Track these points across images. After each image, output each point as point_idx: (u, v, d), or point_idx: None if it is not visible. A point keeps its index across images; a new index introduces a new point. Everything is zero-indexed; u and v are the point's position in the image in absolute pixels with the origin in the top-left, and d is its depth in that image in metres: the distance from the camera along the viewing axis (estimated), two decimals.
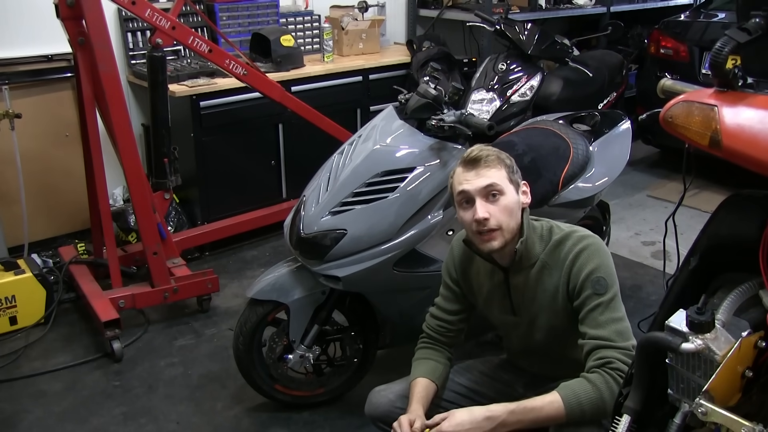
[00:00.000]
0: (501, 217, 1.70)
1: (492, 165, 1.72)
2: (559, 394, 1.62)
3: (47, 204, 3.61)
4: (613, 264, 1.73)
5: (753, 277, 1.32)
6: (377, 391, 1.94)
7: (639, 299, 3.27)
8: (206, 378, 2.75)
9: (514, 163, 1.79)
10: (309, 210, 2.24)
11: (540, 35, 3.64)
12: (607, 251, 1.75)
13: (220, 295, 3.29)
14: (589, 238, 1.75)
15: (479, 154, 1.73)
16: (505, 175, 1.73)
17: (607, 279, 1.68)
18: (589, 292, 1.68)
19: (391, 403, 1.89)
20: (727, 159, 1.26)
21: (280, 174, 3.95)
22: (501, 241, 1.72)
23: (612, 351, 1.62)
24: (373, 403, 1.92)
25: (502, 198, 1.71)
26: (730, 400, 1.24)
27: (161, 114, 3.15)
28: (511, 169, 1.76)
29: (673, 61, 4.64)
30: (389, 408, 1.88)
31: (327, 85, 3.99)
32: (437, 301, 1.99)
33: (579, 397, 1.60)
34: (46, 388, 2.68)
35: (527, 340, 1.89)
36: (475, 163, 1.72)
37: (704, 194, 4.29)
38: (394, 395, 1.90)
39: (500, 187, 1.71)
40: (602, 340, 1.64)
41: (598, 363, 1.63)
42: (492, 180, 1.71)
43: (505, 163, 1.75)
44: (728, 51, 1.27)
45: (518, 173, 1.78)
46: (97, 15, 2.71)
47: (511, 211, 1.72)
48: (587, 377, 1.63)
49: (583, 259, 1.71)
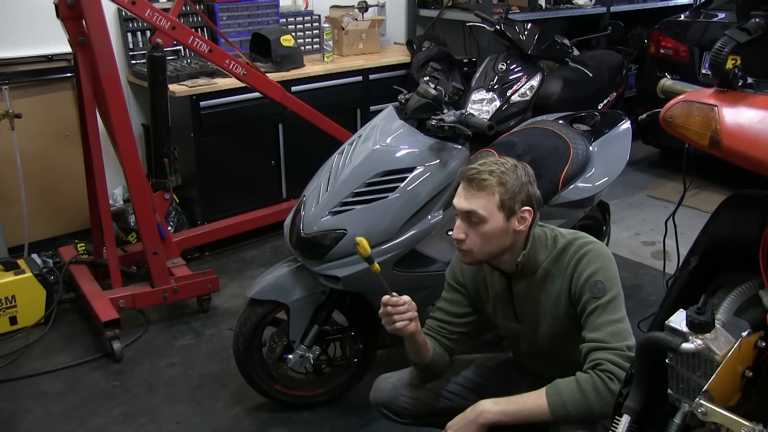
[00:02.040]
0: (476, 241, 1.71)
1: (483, 189, 1.68)
2: (545, 393, 1.64)
3: (47, 204, 3.61)
4: (614, 267, 1.73)
5: (753, 277, 1.32)
6: (383, 377, 1.98)
7: (639, 299, 3.27)
8: (206, 378, 2.75)
9: (523, 185, 1.70)
10: (309, 210, 2.24)
11: (540, 35, 3.64)
12: (608, 255, 1.75)
13: (220, 295, 3.29)
14: (591, 244, 1.75)
15: (475, 175, 1.69)
16: (495, 202, 1.67)
17: (605, 282, 1.68)
18: (588, 296, 1.69)
19: (396, 389, 1.92)
20: (727, 159, 1.26)
21: (280, 174, 3.95)
22: (471, 260, 1.76)
23: (604, 352, 1.63)
24: (379, 389, 1.95)
25: (483, 225, 1.69)
26: (730, 400, 1.24)
27: (161, 114, 3.15)
28: (511, 193, 1.68)
29: (673, 61, 4.64)
30: (394, 394, 1.91)
31: (327, 85, 3.99)
32: (440, 305, 1.98)
33: (563, 397, 1.62)
34: (46, 388, 2.68)
35: (532, 345, 1.90)
36: (469, 183, 1.70)
37: (704, 194, 4.29)
38: (400, 382, 1.94)
39: (481, 215, 1.68)
40: (596, 342, 1.65)
41: (590, 365, 1.64)
42: (473, 207, 1.68)
43: (502, 188, 1.67)
44: (728, 51, 1.27)
45: (523, 196, 1.70)
46: (97, 15, 2.71)
47: (489, 238, 1.70)
48: (577, 378, 1.64)
49: (583, 264, 1.71)
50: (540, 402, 1.63)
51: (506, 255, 1.77)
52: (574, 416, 1.62)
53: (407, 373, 1.96)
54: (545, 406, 1.62)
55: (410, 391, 1.92)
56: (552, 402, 1.62)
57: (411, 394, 1.92)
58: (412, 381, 1.94)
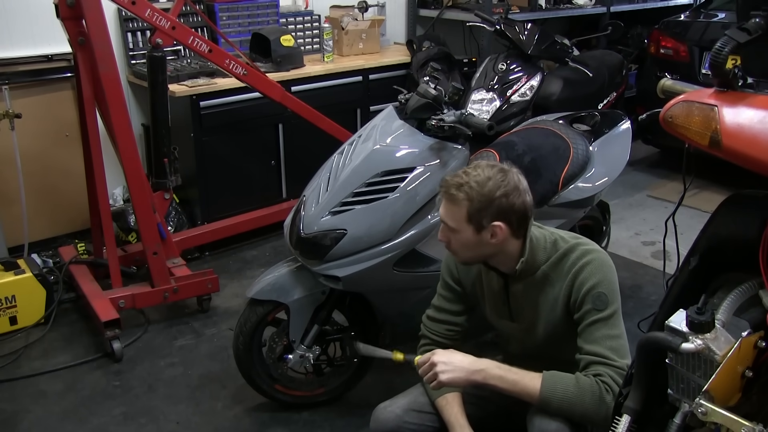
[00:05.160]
0: (457, 247, 1.75)
1: (451, 201, 1.69)
2: (542, 377, 1.66)
3: (47, 204, 3.61)
4: (616, 279, 1.73)
5: (753, 277, 1.32)
6: (382, 407, 1.89)
7: (639, 299, 3.27)
8: (206, 378, 2.75)
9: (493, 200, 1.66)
10: (309, 210, 2.23)
11: (540, 35, 3.64)
12: (610, 265, 1.75)
13: (220, 295, 3.29)
14: (594, 252, 1.75)
15: (445, 187, 1.71)
16: (463, 215, 1.68)
17: (608, 295, 1.69)
18: (589, 306, 1.69)
19: (399, 418, 1.85)
20: (727, 159, 1.26)
21: (280, 174, 3.95)
22: (461, 261, 1.84)
23: (605, 367, 1.64)
24: (381, 421, 1.86)
25: (456, 234, 1.72)
26: (730, 400, 1.24)
27: (161, 114, 3.14)
28: (477, 208, 1.66)
29: (673, 61, 4.64)
30: (398, 423, 1.85)
31: (327, 85, 3.99)
32: (436, 303, 1.99)
33: (556, 387, 1.64)
34: (46, 388, 2.68)
35: (524, 345, 1.90)
36: (443, 193, 1.73)
37: (704, 194, 4.29)
38: (401, 410, 1.87)
39: (452, 225, 1.71)
40: (596, 356, 1.66)
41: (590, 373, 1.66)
42: (444, 218, 1.73)
43: (469, 203, 1.67)
44: (728, 51, 1.27)
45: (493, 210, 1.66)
46: (97, 15, 2.71)
47: (465, 247, 1.73)
48: (577, 376, 1.66)
49: (586, 273, 1.71)
50: (534, 383, 1.66)
51: (498, 259, 1.78)
52: (556, 409, 1.64)
53: (405, 397, 1.91)
54: (536, 388, 1.65)
55: (414, 417, 1.86)
56: (544, 387, 1.64)
57: (416, 419, 1.86)
58: (414, 405, 1.88)
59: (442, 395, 1.84)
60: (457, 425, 1.78)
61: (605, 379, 1.63)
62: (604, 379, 1.63)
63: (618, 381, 1.62)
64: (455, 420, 1.79)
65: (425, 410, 1.87)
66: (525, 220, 1.72)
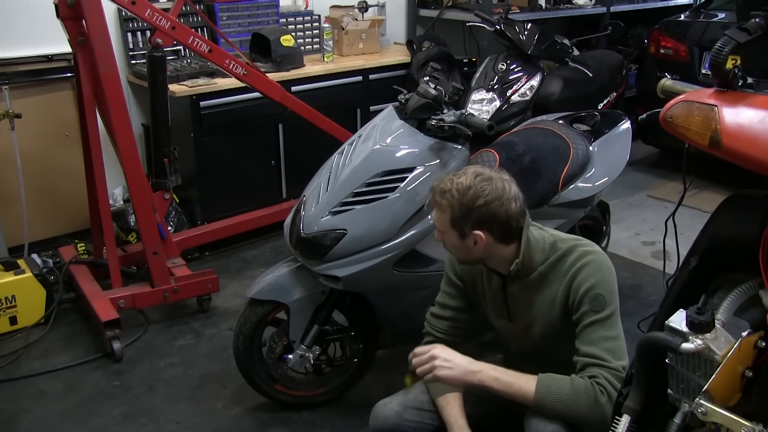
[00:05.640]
0: (450, 248, 1.80)
1: (437, 206, 1.75)
2: (537, 379, 1.67)
3: (47, 204, 3.61)
4: (614, 280, 1.73)
5: (753, 277, 1.32)
6: (382, 404, 1.90)
7: (639, 299, 3.27)
8: (206, 378, 2.75)
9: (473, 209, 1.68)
10: (309, 210, 2.23)
11: (540, 35, 3.65)
12: (609, 266, 1.75)
13: (220, 295, 3.29)
14: (593, 253, 1.75)
15: (432, 190, 1.76)
16: (447, 220, 1.72)
17: (606, 296, 1.69)
18: (587, 308, 1.69)
19: (399, 415, 1.86)
20: (727, 159, 1.26)
21: (280, 174, 3.95)
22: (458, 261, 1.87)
23: (601, 369, 1.65)
24: (381, 417, 1.87)
25: (446, 237, 1.77)
26: (730, 400, 1.24)
27: (161, 114, 3.14)
28: (457, 217, 1.69)
29: (673, 61, 4.64)
30: (397, 420, 1.85)
31: (327, 85, 3.99)
32: (440, 300, 1.99)
33: (550, 389, 1.65)
34: (46, 388, 2.68)
35: (522, 345, 1.91)
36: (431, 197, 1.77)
37: (704, 194, 4.29)
38: (401, 407, 1.87)
39: (440, 229, 1.77)
40: (593, 358, 1.66)
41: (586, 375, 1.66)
42: (433, 220, 1.80)
43: (450, 211, 1.70)
44: (728, 51, 1.27)
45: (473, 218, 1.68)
46: (97, 15, 2.71)
47: (456, 249, 1.78)
48: (572, 379, 1.66)
49: (584, 274, 1.71)
50: (529, 386, 1.67)
51: (492, 261, 1.79)
52: (551, 410, 1.65)
53: (405, 395, 1.91)
54: (531, 390, 1.66)
55: (414, 414, 1.86)
56: (539, 390, 1.65)
57: (415, 417, 1.86)
58: (414, 403, 1.88)
59: (443, 394, 1.84)
60: (456, 426, 1.79)
61: (600, 380, 1.63)
62: (599, 380, 1.63)
63: (614, 383, 1.62)
64: (455, 420, 1.79)
65: (425, 408, 1.87)
66: (508, 229, 1.71)
